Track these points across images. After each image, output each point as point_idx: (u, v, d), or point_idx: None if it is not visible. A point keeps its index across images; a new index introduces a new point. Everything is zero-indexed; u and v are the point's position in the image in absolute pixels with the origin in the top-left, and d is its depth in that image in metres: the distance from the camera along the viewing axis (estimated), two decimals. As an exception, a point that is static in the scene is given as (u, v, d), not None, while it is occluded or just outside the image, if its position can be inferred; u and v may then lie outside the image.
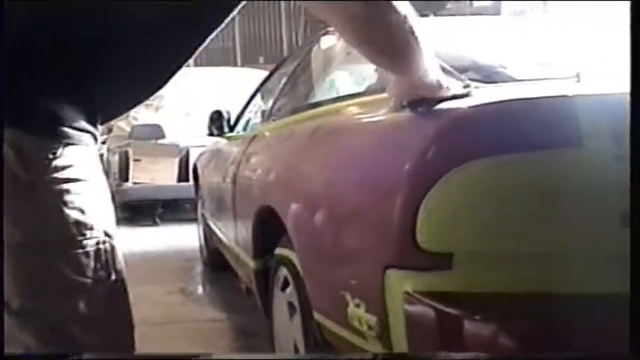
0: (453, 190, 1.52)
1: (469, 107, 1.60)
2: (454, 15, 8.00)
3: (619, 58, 2.41)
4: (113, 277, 1.53)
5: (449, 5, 8.32)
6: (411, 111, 1.78)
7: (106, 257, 1.52)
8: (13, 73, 1.43)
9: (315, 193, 2.15)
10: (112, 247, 1.54)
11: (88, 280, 1.49)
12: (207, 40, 1.67)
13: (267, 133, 3.41)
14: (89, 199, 1.50)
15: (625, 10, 1.35)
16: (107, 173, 8.51)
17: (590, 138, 1.51)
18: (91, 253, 1.49)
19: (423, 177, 1.55)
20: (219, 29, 1.67)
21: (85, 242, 1.48)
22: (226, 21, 1.67)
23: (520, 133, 1.52)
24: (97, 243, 1.50)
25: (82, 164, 1.50)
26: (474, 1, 7.83)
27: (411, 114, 1.77)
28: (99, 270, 1.50)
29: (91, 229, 1.49)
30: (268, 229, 2.69)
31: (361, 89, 2.63)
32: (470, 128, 1.57)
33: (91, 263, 1.49)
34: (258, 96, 4.90)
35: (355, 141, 2.02)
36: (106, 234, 1.52)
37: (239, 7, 1.68)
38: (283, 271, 2.52)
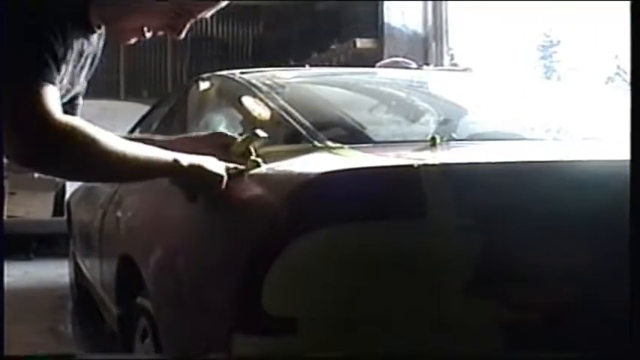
0: (298, 257, 1.53)
1: (318, 174, 1.62)
2: (338, 55, 8.11)
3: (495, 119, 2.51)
4: None
5: (333, 46, 8.40)
6: (265, 171, 1.80)
7: None
8: None
9: (173, 247, 2.14)
10: None
11: None
12: None
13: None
14: None
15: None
16: (-19, 206, 8.26)
17: (433, 208, 1.54)
18: None
19: (269, 244, 1.57)
20: None
21: None
22: None
23: (364, 203, 1.55)
24: None
25: None
26: (358, 41, 7.92)
27: (266, 175, 1.79)
28: None
29: None
30: (130, 277, 2.65)
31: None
32: (317, 196, 1.58)
33: None
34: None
35: (215, 200, 2.01)
36: None
37: None
38: (143, 322, 2.49)
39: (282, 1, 10.04)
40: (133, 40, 1.95)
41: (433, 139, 1.96)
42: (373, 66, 5.46)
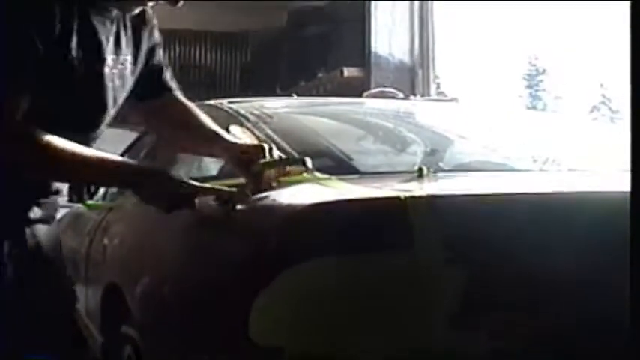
0: (286, 288, 1.54)
1: (306, 206, 1.63)
2: (325, 83, 8.11)
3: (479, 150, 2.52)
4: None
5: (320, 74, 8.41)
6: (254, 204, 1.80)
7: None
8: None
9: (160, 275, 2.14)
10: None
11: None
12: None
13: (124, 207, 3.35)
14: None
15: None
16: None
17: (421, 240, 1.55)
18: None
19: (257, 274, 1.58)
20: None
21: None
22: None
23: (352, 235, 1.55)
24: None
25: None
26: (345, 70, 7.92)
27: (254, 205, 1.80)
28: None
29: None
30: (116, 305, 2.64)
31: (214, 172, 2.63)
32: (305, 228, 1.59)
33: None
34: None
35: (202, 228, 2.01)
36: None
37: None
38: (128, 350, 2.48)
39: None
40: (137, 10, 1.95)
41: (420, 170, 1.96)
42: (360, 94, 5.47)
